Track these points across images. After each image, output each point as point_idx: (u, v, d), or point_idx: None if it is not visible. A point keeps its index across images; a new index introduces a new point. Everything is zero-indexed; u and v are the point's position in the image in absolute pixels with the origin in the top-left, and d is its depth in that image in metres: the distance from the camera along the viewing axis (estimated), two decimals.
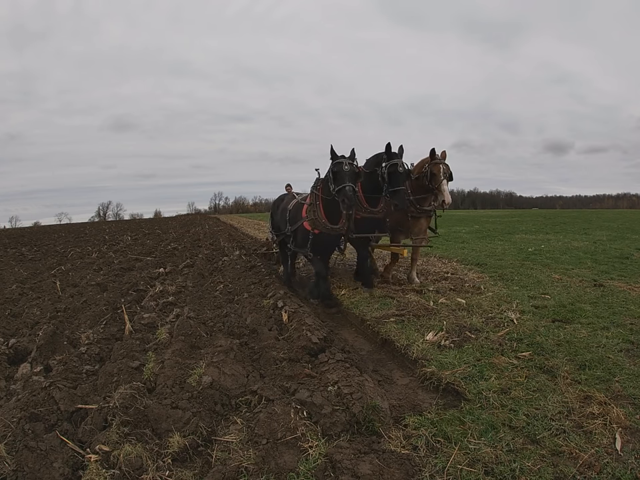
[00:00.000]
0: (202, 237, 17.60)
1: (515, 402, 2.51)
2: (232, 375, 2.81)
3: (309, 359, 3.16)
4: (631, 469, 1.89)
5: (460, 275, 6.45)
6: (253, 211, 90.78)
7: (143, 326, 4.25)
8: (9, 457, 1.97)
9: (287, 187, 8.82)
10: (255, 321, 4.18)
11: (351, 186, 4.46)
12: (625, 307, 4.38)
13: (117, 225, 41.26)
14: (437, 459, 2.03)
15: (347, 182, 4.50)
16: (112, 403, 2.37)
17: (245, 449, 2.06)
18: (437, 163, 5.20)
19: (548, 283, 5.69)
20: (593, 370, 2.86)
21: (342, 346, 3.25)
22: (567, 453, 2.02)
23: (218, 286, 6.35)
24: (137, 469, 1.98)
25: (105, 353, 3.60)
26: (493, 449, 2.07)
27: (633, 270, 6.44)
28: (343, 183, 4.51)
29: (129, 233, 23.68)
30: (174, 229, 25.46)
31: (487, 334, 3.67)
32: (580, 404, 2.43)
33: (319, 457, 2.01)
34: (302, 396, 2.47)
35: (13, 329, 4.53)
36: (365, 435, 2.26)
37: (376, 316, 4.47)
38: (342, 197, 4.49)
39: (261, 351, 3.45)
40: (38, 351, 3.61)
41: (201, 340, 3.75)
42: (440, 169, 5.13)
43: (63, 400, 2.49)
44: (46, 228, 49.91)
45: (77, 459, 2.06)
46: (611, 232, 13.26)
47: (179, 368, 2.93)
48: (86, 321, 4.58)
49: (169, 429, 2.29)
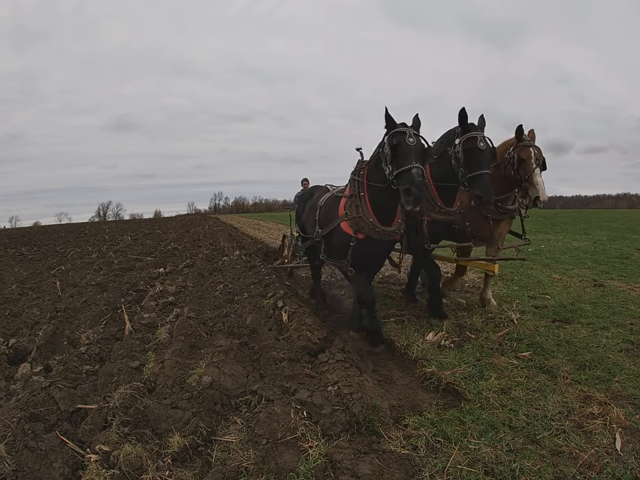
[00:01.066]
0: (202, 237, 17.59)
1: (514, 402, 2.51)
2: (232, 375, 2.80)
3: (308, 359, 3.16)
4: (630, 469, 1.89)
5: None
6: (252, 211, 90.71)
7: (143, 326, 4.25)
8: (8, 457, 1.97)
9: (304, 182, 7.68)
10: (255, 321, 4.17)
11: (419, 168, 3.02)
12: (624, 306, 4.39)
13: (116, 225, 41.28)
14: (436, 459, 2.03)
15: (414, 161, 3.03)
16: (112, 403, 2.37)
17: (245, 449, 2.06)
18: (526, 145, 3.85)
19: (548, 283, 5.69)
20: (593, 370, 2.87)
21: (342, 346, 3.25)
22: (567, 453, 2.02)
23: (218, 286, 6.35)
24: (137, 469, 1.98)
25: (105, 352, 3.60)
26: (493, 449, 2.07)
27: (633, 270, 6.44)
28: (407, 163, 3.04)
29: (128, 232, 23.68)
30: (174, 229, 25.46)
31: (486, 334, 3.68)
32: (580, 404, 2.43)
33: (319, 456, 2.01)
34: (302, 396, 2.47)
35: (13, 329, 4.53)
36: (365, 435, 2.26)
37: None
38: (406, 183, 2.99)
39: (260, 351, 3.44)
40: (38, 350, 3.61)
41: (200, 340, 3.75)
42: (531, 154, 3.80)
43: (63, 400, 2.49)
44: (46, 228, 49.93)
45: (77, 459, 2.06)
46: (611, 232, 13.26)
47: (179, 368, 2.93)
48: (86, 321, 4.58)
49: (169, 429, 2.29)
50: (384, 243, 3.68)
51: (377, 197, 3.48)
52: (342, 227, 3.68)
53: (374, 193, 3.49)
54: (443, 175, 3.75)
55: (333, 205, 3.95)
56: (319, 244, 4.15)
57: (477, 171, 3.43)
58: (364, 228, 3.51)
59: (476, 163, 3.45)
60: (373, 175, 3.49)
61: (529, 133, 3.99)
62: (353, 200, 3.58)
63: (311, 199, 4.68)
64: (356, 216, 3.52)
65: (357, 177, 3.63)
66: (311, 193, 4.86)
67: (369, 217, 3.49)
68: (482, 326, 3.91)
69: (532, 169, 3.76)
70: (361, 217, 3.50)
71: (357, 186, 3.61)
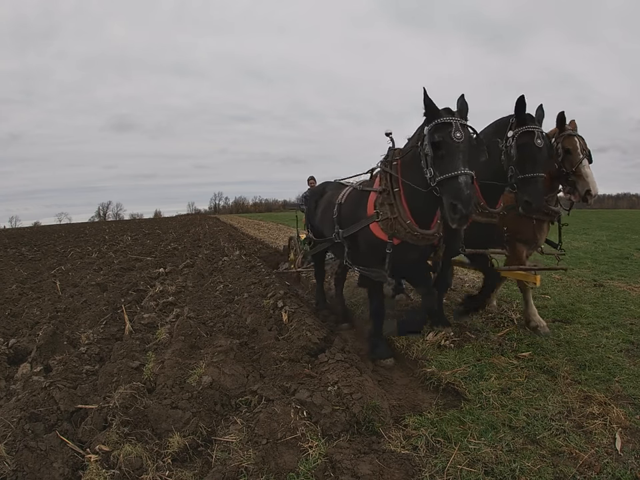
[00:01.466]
0: (202, 237, 17.59)
1: (514, 402, 2.51)
2: (232, 375, 2.80)
3: (308, 359, 3.16)
4: (630, 469, 1.89)
5: (460, 275, 6.44)
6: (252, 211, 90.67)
7: (143, 326, 4.25)
8: (8, 457, 1.97)
9: (310, 180, 7.26)
10: (255, 321, 4.17)
11: (468, 175, 2.48)
12: (624, 306, 4.38)
13: (116, 225, 41.28)
14: (436, 459, 2.03)
15: (461, 166, 2.49)
16: (112, 403, 2.37)
17: (245, 449, 2.06)
18: (571, 135, 3.37)
19: (548, 282, 5.69)
20: (593, 370, 2.86)
21: (342, 346, 3.25)
22: (567, 453, 2.02)
23: (218, 286, 6.35)
24: (137, 469, 1.98)
25: (105, 352, 3.60)
26: (493, 449, 2.07)
27: (633, 270, 6.44)
28: (452, 168, 2.49)
29: (128, 233, 23.68)
30: (174, 229, 25.46)
31: (486, 334, 3.67)
32: (580, 404, 2.43)
33: (319, 457, 2.01)
34: (302, 396, 2.47)
35: (13, 329, 4.53)
36: (365, 435, 2.26)
37: None
38: (451, 197, 2.50)
39: (260, 351, 3.44)
40: (38, 350, 3.61)
41: (200, 340, 3.75)
42: (576, 144, 3.33)
43: (63, 400, 2.49)
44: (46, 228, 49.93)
45: (76, 459, 2.06)
46: (611, 232, 13.27)
47: (179, 368, 2.93)
48: (86, 321, 4.58)
49: (169, 429, 2.29)
50: (422, 249, 3.17)
51: (414, 195, 2.90)
52: (372, 230, 3.09)
53: (411, 190, 2.91)
54: (488, 171, 3.20)
55: (358, 201, 3.34)
56: (339, 247, 3.64)
57: (530, 173, 3.00)
58: (400, 232, 2.96)
59: (530, 163, 3.01)
60: (408, 173, 2.94)
61: (571, 123, 3.48)
62: (386, 197, 3.01)
63: (324, 196, 4.17)
64: (390, 217, 2.97)
65: (389, 169, 3.06)
66: (322, 189, 4.36)
67: (405, 218, 2.95)
68: (482, 326, 3.91)
69: (579, 160, 3.27)
70: (396, 218, 2.95)
71: (389, 180, 3.02)
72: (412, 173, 2.89)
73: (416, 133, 2.92)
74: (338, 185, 4.12)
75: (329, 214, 3.76)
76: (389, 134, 3.18)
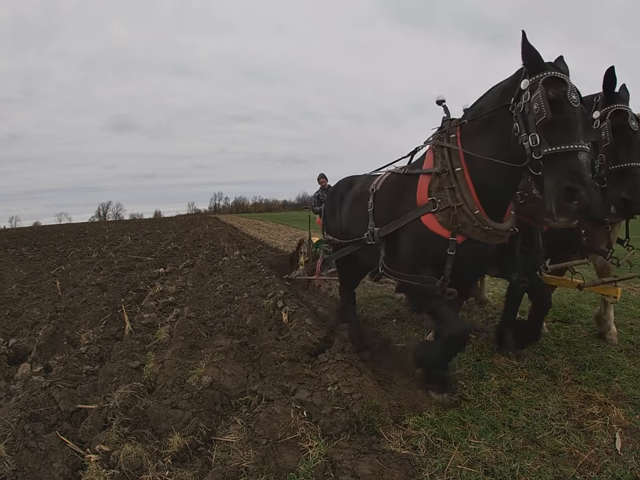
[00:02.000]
0: (202, 237, 17.59)
1: (514, 402, 2.51)
2: (232, 375, 2.80)
3: (308, 359, 3.16)
4: (630, 469, 1.89)
5: None
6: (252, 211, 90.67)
7: (143, 326, 4.25)
8: (8, 456, 1.97)
9: (321, 179, 6.58)
10: (255, 321, 4.17)
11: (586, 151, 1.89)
12: (624, 306, 4.38)
13: (116, 225, 41.30)
14: (436, 459, 2.03)
15: (581, 139, 1.88)
16: (112, 403, 2.37)
17: (245, 449, 2.06)
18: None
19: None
20: (593, 370, 2.86)
21: (342, 346, 3.24)
22: (567, 453, 2.02)
23: (218, 286, 6.35)
24: (137, 469, 1.98)
25: (105, 353, 3.60)
26: (493, 449, 2.07)
27: (633, 270, 6.43)
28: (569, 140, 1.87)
29: (128, 233, 23.68)
30: (174, 229, 25.46)
31: (487, 334, 3.67)
32: (580, 404, 2.43)
33: (319, 457, 2.01)
34: (302, 396, 2.47)
35: (13, 329, 4.53)
36: (365, 435, 2.26)
37: (376, 316, 4.48)
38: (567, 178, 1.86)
39: (260, 351, 3.44)
40: (38, 350, 3.61)
41: (200, 340, 3.75)
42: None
43: (63, 400, 2.49)
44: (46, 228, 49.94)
45: (77, 459, 2.06)
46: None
47: (179, 368, 2.93)
48: (86, 321, 4.58)
49: (169, 429, 2.28)
50: (488, 252, 2.44)
51: (484, 175, 2.25)
52: (426, 224, 2.38)
53: (480, 168, 2.26)
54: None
55: (403, 187, 2.63)
56: (371, 250, 2.87)
57: (625, 163, 2.45)
58: (466, 226, 2.28)
59: (625, 150, 2.45)
60: (477, 142, 2.28)
61: None
62: (444, 179, 2.32)
63: (352, 188, 3.40)
64: (453, 205, 2.27)
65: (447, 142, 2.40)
66: (350, 181, 3.55)
67: (473, 207, 2.26)
68: (482, 326, 3.91)
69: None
70: (460, 206, 2.26)
71: (447, 157, 2.36)
72: (485, 142, 2.24)
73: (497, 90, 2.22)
74: (371, 176, 3.29)
75: (360, 208, 2.99)
76: (441, 101, 2.55)
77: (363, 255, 3.12)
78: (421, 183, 2.47)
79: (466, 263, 2.40)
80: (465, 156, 2.34)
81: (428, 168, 2.46)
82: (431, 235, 2.38)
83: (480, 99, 2.37)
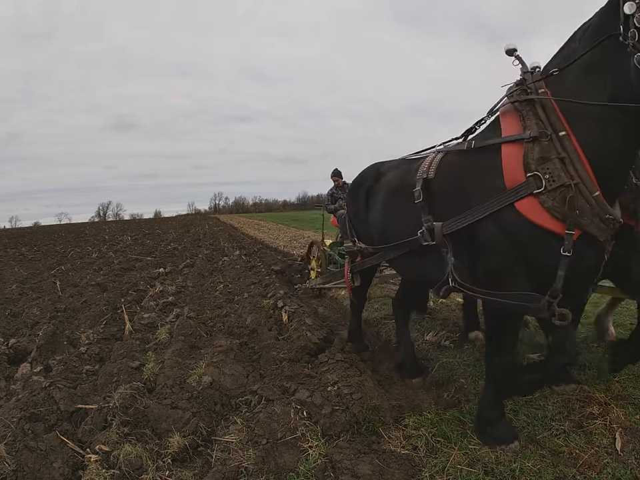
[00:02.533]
0: (202, 237, 17.60)
1: (514, 402, 2.50)
2: (232, 375, 2.81)
3: (308, 359, 3.16)
4: (630, 469, 1.89)
5: None
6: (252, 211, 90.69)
7: (143, 326, 4.25)
8: (8, 456, 1.97)
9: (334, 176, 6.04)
10: (255, 321, 4.18)
11: None
12: (624, 306, 4.37)
13: (116, 225, 41.32)
14: (436, 459, 2.03)
15: None
16: (112, 403, 2.37)
17: (245, 449, 2.06)
18: None
19: None
20: (593, 370, 2.86)
21: (342, 346, 3.25)
22: (567, 453, 2.02)
23: (218, 286, 6.35)
24: (137, 469, 1.98)
25: (105, 353, 3.60)
26: (493, 449, 2.06)
27: None
28: None
29: (128, 232, 23.68)
30: (174, 229, 25.46)
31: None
32: (580, 404, 2.43)
33: (319, 457, 2.01)
34: (302, 396, 2.47)
35: (13, 329, 4.53)
36: (365, 435, 2.26)
37: (376, 316, 4.48)
38: None
39: (260, 351, 3.45)
40: (38, 350, 3.61)
41: (200, 340, 3.75)
42: None
43: (63, 400, 2.49)
44: (46, 228, 49.95)
45: (77, 459, 2.06)
46: None
47: (179, 368, 2.93)
48: (86, 321, 4.59)
49: (169, 429, 2.29)
50: (602, 250, 1.83)
51: (595, 140, 1.69)
52: (523, 212, 1.72)
53: (589, 131, 1.70)
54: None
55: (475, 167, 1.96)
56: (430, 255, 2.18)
57: None
58: (585, 213, 1.67)
59: None
60: (578, 95, 1.71)
61: None
62: (546, 147, 1.71)
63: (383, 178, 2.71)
64: (568, 182, 1.66)
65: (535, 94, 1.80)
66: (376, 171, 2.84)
67: (592, 187, 1.67)
68: (482, 326, 3.91)
69: None
70: (577, 185, 1.66)
71: (544, 115, 1.76)
72: (589, 96, 1.68)
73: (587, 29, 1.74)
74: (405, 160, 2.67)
75: (401, 201, 2.37)
76: (513, 50, 1.96)
77: (414, 263, 2.42)
78: (508, 155, 1.81)
79: (581, 270, 1.76)
80: (566, 116, 1.72)
81: (516, 131, 1.81)
82: (534, 229, 1.72)
83: (563, 47, 1.85)
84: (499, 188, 1.80)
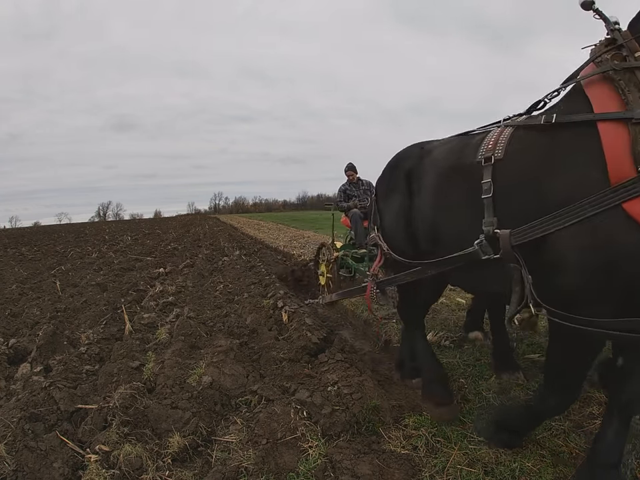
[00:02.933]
0: (202, 237, 17.59)
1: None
2: (232, 375, 2.81)
3: (308, 359, 3.16)
4: (630, 469, 1.89)
5: None
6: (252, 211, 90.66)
7: (143, 326, 4.25)
8: (8, 456, 1.97)
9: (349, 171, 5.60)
10: (255, 321, 4.18)
11: None
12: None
13: (116, 225, 41.30)
14: (436, 459, 2.03)
15: None
16: (112, 403, 2.37)
17: (245, 449, 2.07)
18: None
19: None
20: (593, 369, 2.86)
21: (342, 346, 3.25)
22: (567, 453, 2.02)
23: (218, 286, 6.35)
24: (137, 469, 1.98)
25: (105, 353, 3.60)
26: (493, 449, 2.06)
27: None
28: None
29: (128, 232, 23.68)
30: (174, 229, 25.45)
31: (487, 334, 3.67)
32: (580, 404, 2.43)
33: (319, 457, 2.01)
34: (302, 396, 2.47)
35: (13, 329, 4.53)
36: (365, 435, 2.26)
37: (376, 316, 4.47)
38: None
39: (260, 351, 3.45)
40: (38, 350, 3.61)
41: (200, 340, 3.75)
42: None
43: (63, 400, 2.49)
44: (46, 228, 49.95)
45: (77, 459, 2.06)
46: None
47: (179, 368, 2.93)
48: (86, 321, 4.59)
49: (169, 429, 2.29)
50: None
51: None
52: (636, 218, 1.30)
53: None
54: None
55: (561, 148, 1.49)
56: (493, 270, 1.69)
57: None
58: None
59: None
60: None
61: None
62: None
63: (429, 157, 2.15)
64: None
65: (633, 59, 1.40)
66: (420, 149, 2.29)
67: None
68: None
69: None
70: None
71: None
72: None
73: None
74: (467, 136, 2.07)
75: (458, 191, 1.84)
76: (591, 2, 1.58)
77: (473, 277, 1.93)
78: (611, 138, 1.35)
79: None
80: None
81: (612, 110, 1.37)
82: None
83: None
84: (598, 182, 1.35)
